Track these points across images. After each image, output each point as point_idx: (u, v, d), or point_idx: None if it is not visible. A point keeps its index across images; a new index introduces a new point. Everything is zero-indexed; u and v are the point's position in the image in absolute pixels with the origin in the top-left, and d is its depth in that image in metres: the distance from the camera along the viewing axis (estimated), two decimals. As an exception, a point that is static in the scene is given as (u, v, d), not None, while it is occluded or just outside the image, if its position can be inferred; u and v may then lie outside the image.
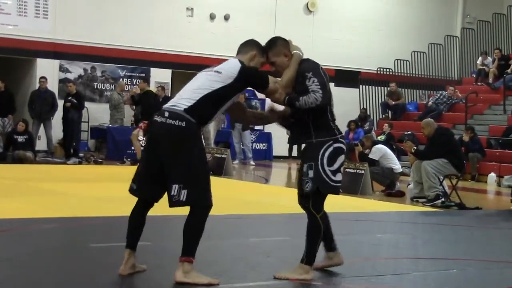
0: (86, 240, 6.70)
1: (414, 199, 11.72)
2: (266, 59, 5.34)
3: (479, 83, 22.14)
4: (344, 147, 5.31)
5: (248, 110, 5.65)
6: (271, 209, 9.80)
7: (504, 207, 11.99)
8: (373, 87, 22.79)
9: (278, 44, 5.33)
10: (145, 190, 5.19)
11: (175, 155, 4.92)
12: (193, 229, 4.98)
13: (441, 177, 11.52)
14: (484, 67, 22.21)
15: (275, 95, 5.22)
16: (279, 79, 5.32)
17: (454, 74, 24.58)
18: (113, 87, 19.74)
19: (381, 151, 13.28)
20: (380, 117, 22.18)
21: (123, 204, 9.60)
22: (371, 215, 9.47)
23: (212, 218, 5.27)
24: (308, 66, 5.24)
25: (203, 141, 5.23)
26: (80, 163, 16.70)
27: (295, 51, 5.32)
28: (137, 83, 18.64)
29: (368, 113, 21.91)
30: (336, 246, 5.58)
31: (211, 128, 19.76)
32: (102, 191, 11.24)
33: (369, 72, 22.72)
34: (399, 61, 23.11)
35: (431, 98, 21.67)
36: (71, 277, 5.20)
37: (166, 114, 4.97)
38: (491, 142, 18.26)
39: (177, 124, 4.91)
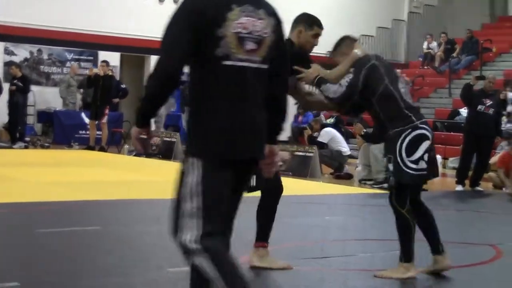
0: (33, 225, 6.62)
1: (362, 182, 11.86)
2: (318, 30, 5.21)
3: (425, 67, 22.45)
4: (427, 132, 4.99)
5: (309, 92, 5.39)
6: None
7: (449, 188, 12.22)
8: (322, 70, 22.88)
9: (343, 43, 5.27)
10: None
11: None
12: (264, 214, 5.10)
13: (389, 160, 11.67)
14: (429, 50, 22.54)
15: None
16: (319, 67, 5.22)
17: (402, 58, 24.86)
18: (60, 70, 19.47)
19: (329, 134, 13.40)
20: (329, 100, 22.31)
21: (71, 189, 9.53)
22: (320, 198, 9.55)
23: (157, 202, 5.26)
24: (357, 63, 5.07)
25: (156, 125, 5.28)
26: (26, 147, 16.45)
27: (354, 50, 5.17)
28: (91, 66, 18.48)
29: (317, 96, 22.01)
30: (444, 248, 5.32)
31: (163, 112, 19.65)
32: (49, 175, 11.11)
33: (319, 56, 22.67)
34: (347, 44, 23.25)
35: (379, 82, 21.89)
36: (16, 262, 5.14)
37: None
38: (437, 125, 18.56)
39: None
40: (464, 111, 16.47)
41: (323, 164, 12.98)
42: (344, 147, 13.29)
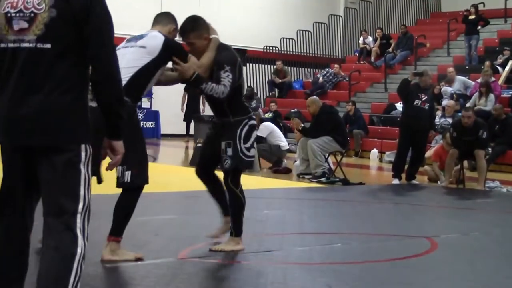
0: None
1: (300, 176, 11.93)
2: (183, 38, 5.45)
3: (361, 62, 22.73)
4: (255, 123, 5.69)
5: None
6: (158, 188, 9.76)
7: (385, 182, 12.39)
8: (260, 65, 22.97)
9: (202, 27, 5.49)
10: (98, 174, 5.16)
11: None
12: (126, 210, 5.14)
13: (326, 154, 11.79)
14: (365, 45, 22.83)
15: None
16: (196, 59, 5.36)
17: (338, 53, 25.11)
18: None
19: (268, 129, 13.45)
20: (267, 95, 22.41)
21: None
22: (259, 192, 9.57)
23: (99, 197, 5.21)
24: (228, 58, 5.43)
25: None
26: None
27: (213, 36, 5.48)
28: None
29: (255, 91, 22.09)
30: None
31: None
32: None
33: (256, 51, 22.86)
34: (285, 39, 23.38)
35: (319, 75, 22.04)
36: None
37: None
38: (373, 119, 18.80)
39: None
40: (400, 106, 16.75)
41: (262, 159, 13.02)
42: (283, 142, 13.35)
